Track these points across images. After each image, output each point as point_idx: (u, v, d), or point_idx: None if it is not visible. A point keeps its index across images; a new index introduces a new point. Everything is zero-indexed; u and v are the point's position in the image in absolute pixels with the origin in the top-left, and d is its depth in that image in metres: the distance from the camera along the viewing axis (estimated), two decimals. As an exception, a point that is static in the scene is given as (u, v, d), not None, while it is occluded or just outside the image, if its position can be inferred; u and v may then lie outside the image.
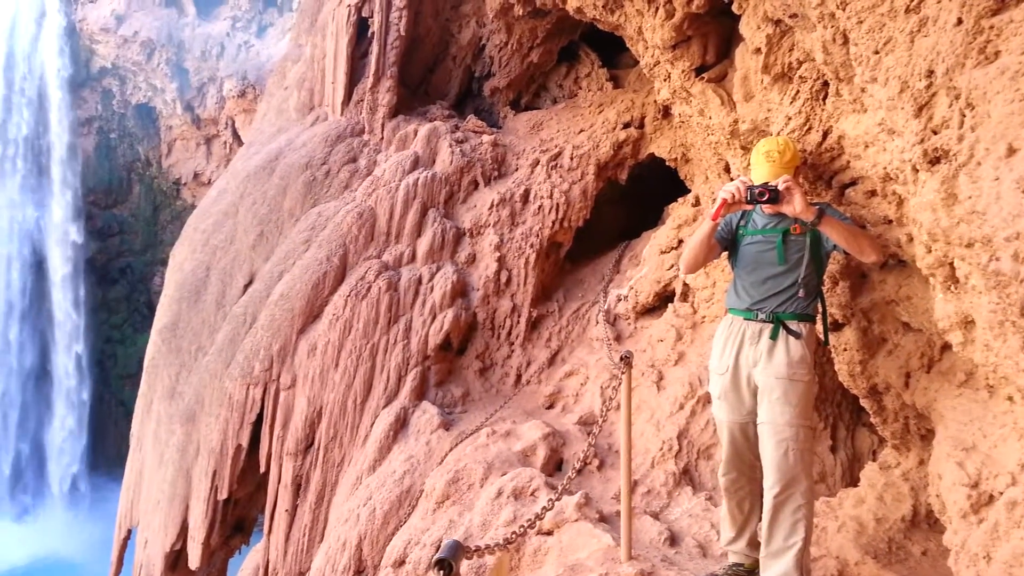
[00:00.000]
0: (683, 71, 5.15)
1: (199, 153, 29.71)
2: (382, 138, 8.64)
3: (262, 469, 7.62)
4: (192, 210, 33.27)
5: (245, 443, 7.58)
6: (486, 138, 8.50)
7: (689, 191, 7.87)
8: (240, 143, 28.89)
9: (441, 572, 2.66)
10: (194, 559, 7.54)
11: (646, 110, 8.40)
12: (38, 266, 28.04)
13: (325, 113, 8.99)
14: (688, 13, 4.70)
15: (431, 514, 6.51)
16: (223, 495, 7.52)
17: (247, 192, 8.45)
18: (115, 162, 29.47)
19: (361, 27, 8.63)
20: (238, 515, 8.14)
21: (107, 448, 29.57)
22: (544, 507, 4.82)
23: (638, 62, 9.04)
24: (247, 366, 7.59)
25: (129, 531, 8.44)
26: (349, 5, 8.28)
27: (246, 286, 8.17)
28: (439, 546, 6.33)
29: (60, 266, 28.43)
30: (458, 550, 3.27)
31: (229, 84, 27.17)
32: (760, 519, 3.64)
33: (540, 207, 8.26)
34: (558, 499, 5.01)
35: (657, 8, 4.92)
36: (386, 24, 8.21)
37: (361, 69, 8.68)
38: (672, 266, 7.44)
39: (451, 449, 7.01)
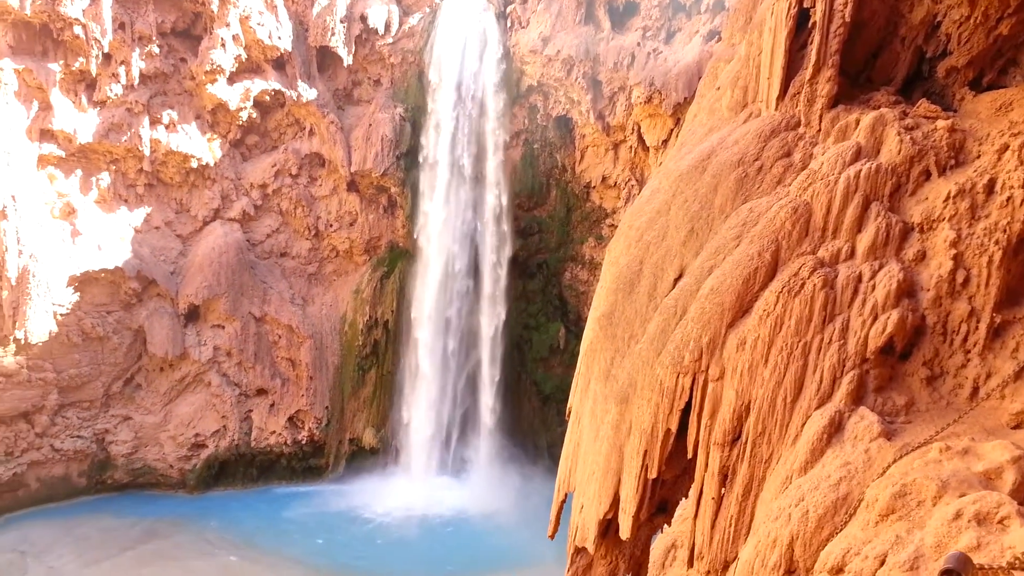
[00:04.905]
0: None
1: (607, 158, 31.79)
2: (819, 130, 8.34)
3: (688, 455, 7.93)
4: (599, 211, 35.61)
5: (674, 428, 7.96)
6: (940, 123, 7.69)
7: None
8: (644, 147, 30.22)
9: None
10: (624, 530, 8.15)
11: None
12: (475, 261, 32.74)
13: (758, 109, 8.98)
14: None
15: (872, 526, 6.14)
16: (652, 474, 8.00)
17: (679, 191, 8.84)
18: (537, 169, 32.99)
19: (801, 18, 8.44)
20: (663, 496, 8.58)
21: (522, 422, 33.42)
22: (1047, 535, 4.25)
23: None
24: (677, 356, 7.95)
25: (566, 495, 9.44)
26: (790, -3, 8.17)
27: (676, 280, 8.57)
28: (883, 560, 5.94)
29: (491, 262, 32.77)
30: (967, 564, 3.06)
31: (637, 91, 28.54)
32: None
33: (1009, 199, 7.21)
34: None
35: None
36: (829, 12, 7.89)
37: (798, 61, 8.48)
38: None
39: (895, 461, 6.52)
